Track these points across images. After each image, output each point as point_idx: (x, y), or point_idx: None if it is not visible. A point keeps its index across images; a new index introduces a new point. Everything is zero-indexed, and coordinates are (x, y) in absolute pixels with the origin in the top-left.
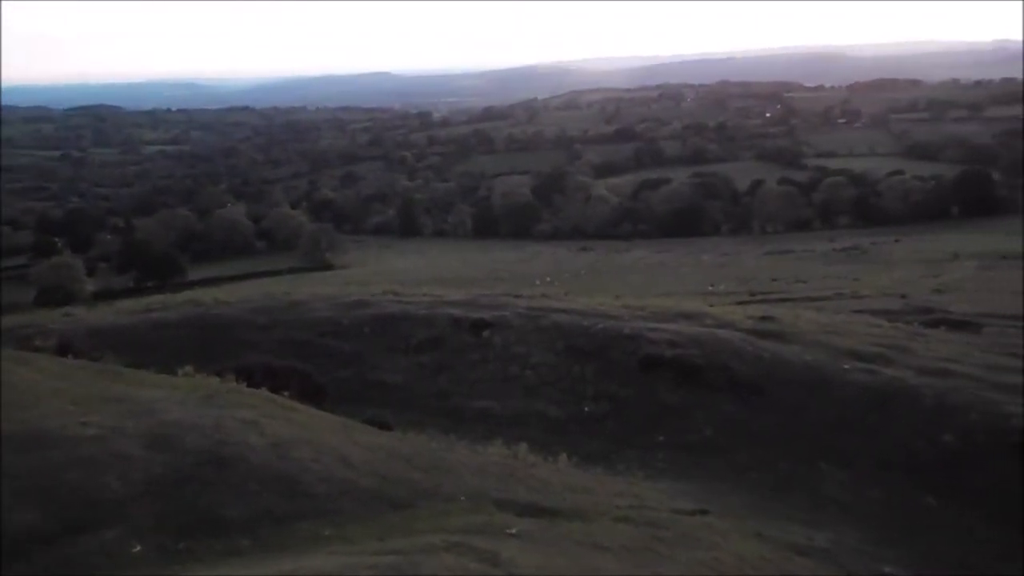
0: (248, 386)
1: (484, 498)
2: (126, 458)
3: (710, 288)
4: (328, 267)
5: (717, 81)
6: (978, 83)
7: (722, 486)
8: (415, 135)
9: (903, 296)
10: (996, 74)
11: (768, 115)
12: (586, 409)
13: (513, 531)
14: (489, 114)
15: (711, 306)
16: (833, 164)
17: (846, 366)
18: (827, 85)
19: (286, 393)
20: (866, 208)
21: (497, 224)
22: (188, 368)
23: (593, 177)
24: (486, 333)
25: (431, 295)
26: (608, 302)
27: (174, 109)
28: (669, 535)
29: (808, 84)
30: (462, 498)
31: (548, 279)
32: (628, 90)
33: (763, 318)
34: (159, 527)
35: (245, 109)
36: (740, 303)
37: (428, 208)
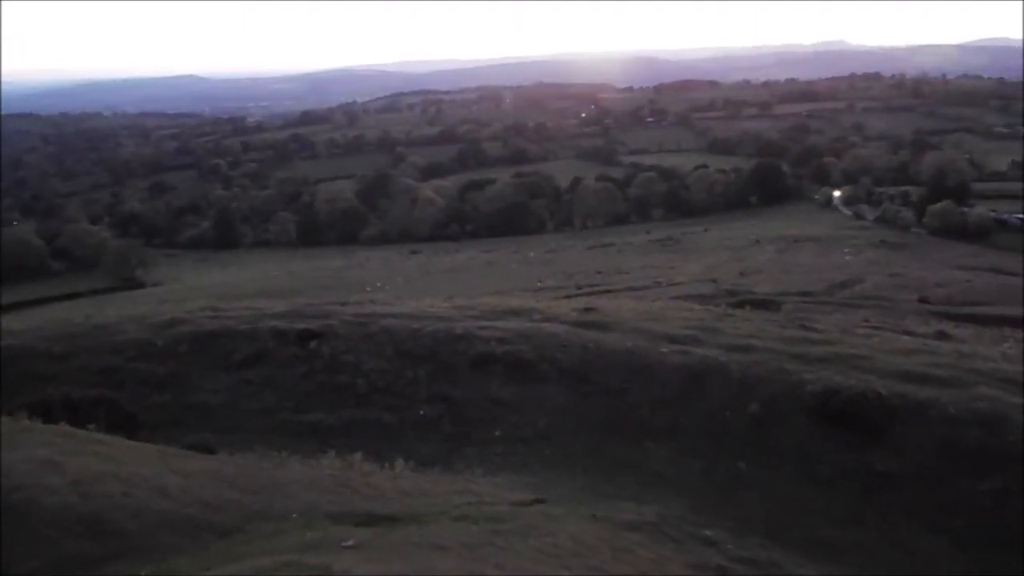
0: (44, 423)
1: (318, 513)
2: None
3: (538, 284)
4: (138, 285)
5: (534, 83)
6: (766, 84)
7: (557, 474)
8: (228, 141)
9: (713, 281)
10: (781, 75)
11: (584, 115)
12: (421, 412)
13: (349, 543)
14: (307, 118)
15: (539, 301)
16: (645, 160)
17: (664, 349)
18: (636, 87)
19: (91, 426)
20: (677, 201)
21: (322, 231)
22: None
23: (419, 179)
24: (313, 343)
25: (253, 308)
26: (439, 304)
27: None
28: (508, 527)
29: (619, 86)
30: (294, 515)
31: (378, 284)
32: (448, 92)
33: (587, 309)
34: None
35: (29, 116)
36: (566, 297)
37: (247, 217)
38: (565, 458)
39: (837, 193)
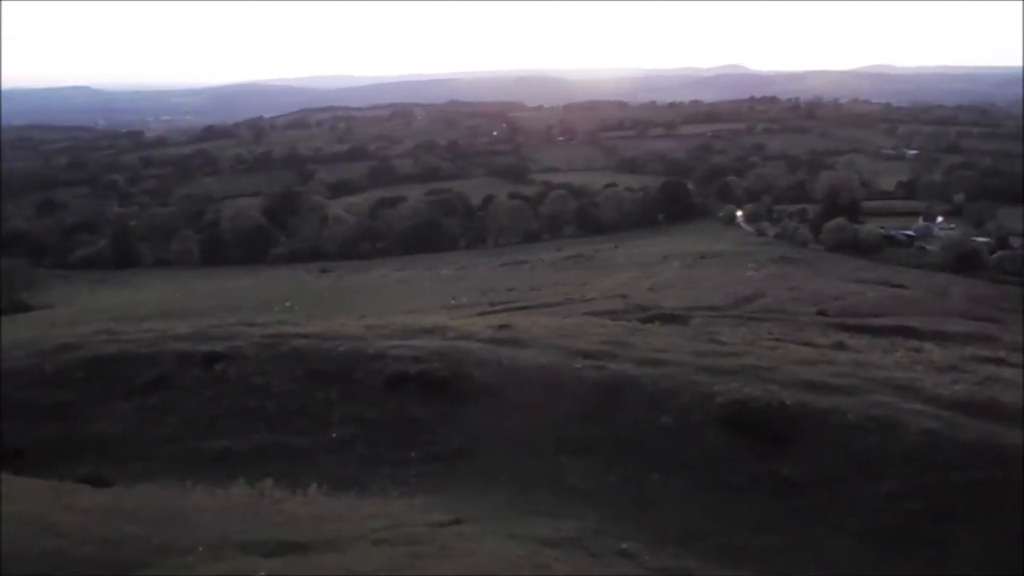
0: None
1: (227, 544)
2: None
3: (452, 301)
4: (25, 309)
5: (446, 101)
6: (671, 104)
7: (475, 492)
8: (126, 156)
9: (624, 296)
10: (685, 97)
11: (495, 133)
12: (334, 435)
13: (261, 575)
14: (211, 133)
15: (453, 319)
16: (556, 178)
17: (578, 364)
18: (546, 105)
19: None
20: (587, 218)
21: (228, 250)
22: None
23: (328, 196)
24: (219, 366)
25: (154, 330)
26: (351, 323)
27: None
28: (427, 550)
29: (529, 104)
30: (201, 548)
31: (287, 304)
32: (359, 108)
33: (501, 327)
34: None
35: None
36: (480, 314)
37: (146, 236)
38: (482, 476)
39: (740, 211)
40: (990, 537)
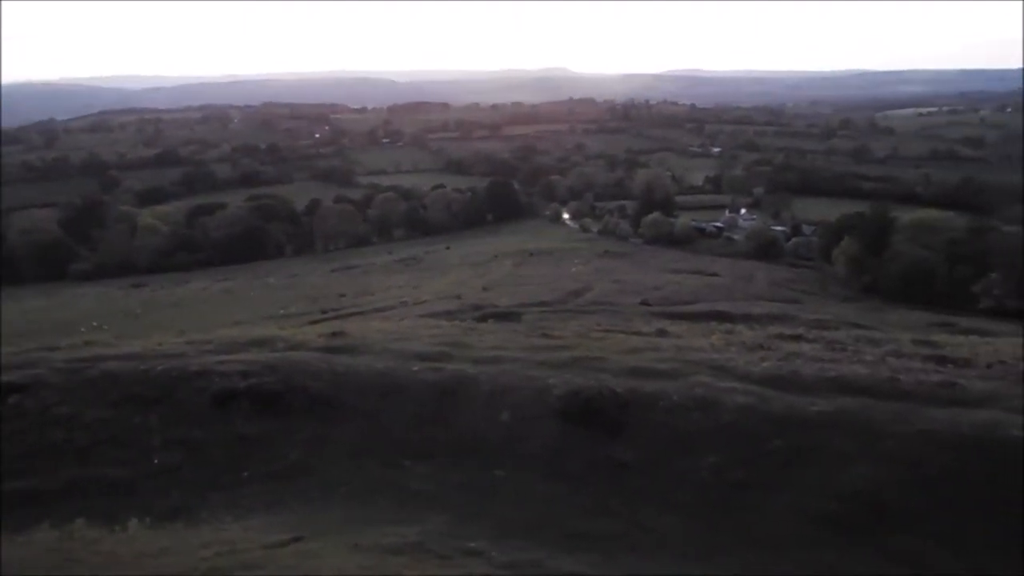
0: None
1: None
2: None
3: (281, 311)
4: None
5: (263, 103)
6: (495, 106)
7: (315, 507)
8: None
9: (458, 297)
10: (507, 99)
11: (318, 136)
12: (156, 461)
13: None
14: None
15: (283, 329)
16: (384, 181)
17: (415, 367)
18: (370, 107)
19: None
20: (417, 220)
21: (19, 267)
22: None
23: (137, 206)
24: (14, 399)
25: None
26: (170, 340)
27: None
28: (264, 573)
29: (352, 106)
30: None
31: (95, 324)
32: (167, 111)
33: (335, 334)
34: None
35: None
36: (312, 322)
37: None
38: (322, 490)
39: (565, 209)
40: (794, 496)
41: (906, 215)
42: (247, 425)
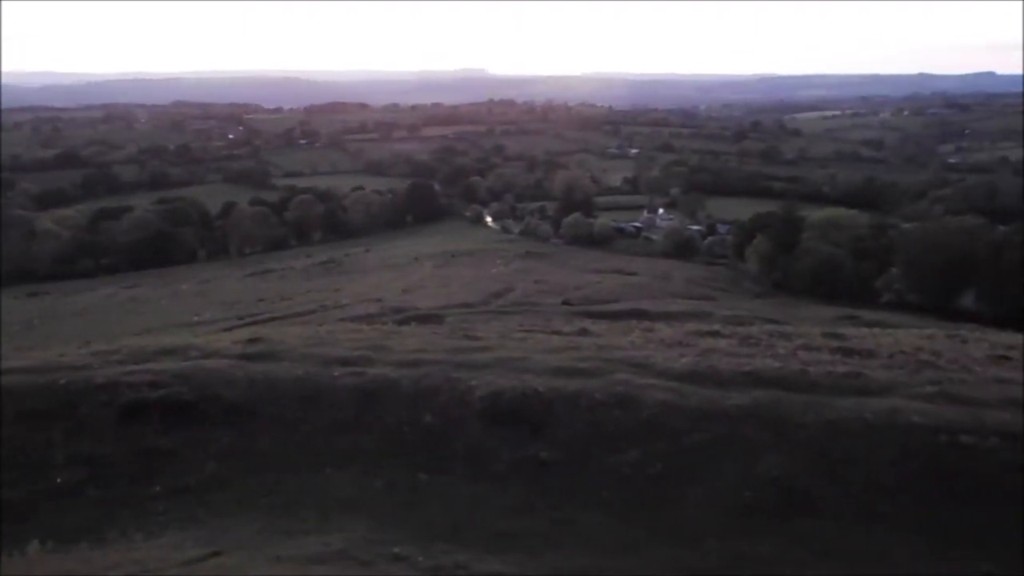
0: None
1: None
2: None
3: (194, 318)
4: None
5: (172, 102)
6: (414, 107)
7: (233, 520)
8: None
9: (379, 300)
10: (426, 100)
11: (231, 137)
12: (59, 480)
13: None
14: None
15: (197, 337)
16: (301, 183)
17: (335, 373)
18: (285, 108)
19: None
20: (336, 222)
21: None
22: None
23: (35, 209)
24: None
25: None
26: (72, 351)
27: None
28: None
29: (267, 106)
30: None
31: None
32: (66, 109)
33: (251, 340)
34: None
35: None
36: (227, 329)
37: None
38: (240, 502)
39: (486, 211)
40: (711, 488)
41: (814, 214)
42: (157, 438)
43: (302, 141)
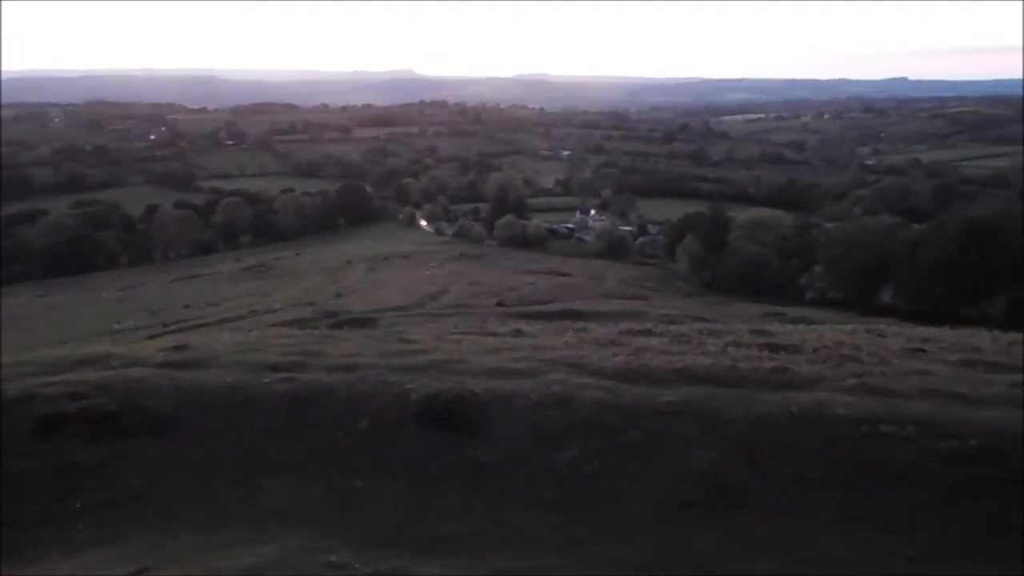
0: None
1: None
2: None
3: (116, 326)
4: None
5: (88, 101)
6: (344, 108)
7: (161, 535)
8: None
9: (311, 304)
10: (356, 101)
11: (153, 137)
12: None
13: None
14: None
15: (118, 345)
16: (228, 185)
17: (267, 379)
18: (211, 107)
19: None
20: (265, 225)
21: None
22: None
23: None
24: None
25: None
26: None
27: None
28: None
29: (191, 106)
30: None
31: None
32: None
33: (177, 348)
34: None
35: None
36: (152, 336)
37: None
38: (168, 515)
39: (419, 212)
40: (647, 484)
41: (741, 214)
42: (78, 452)
43: (229, 142)
